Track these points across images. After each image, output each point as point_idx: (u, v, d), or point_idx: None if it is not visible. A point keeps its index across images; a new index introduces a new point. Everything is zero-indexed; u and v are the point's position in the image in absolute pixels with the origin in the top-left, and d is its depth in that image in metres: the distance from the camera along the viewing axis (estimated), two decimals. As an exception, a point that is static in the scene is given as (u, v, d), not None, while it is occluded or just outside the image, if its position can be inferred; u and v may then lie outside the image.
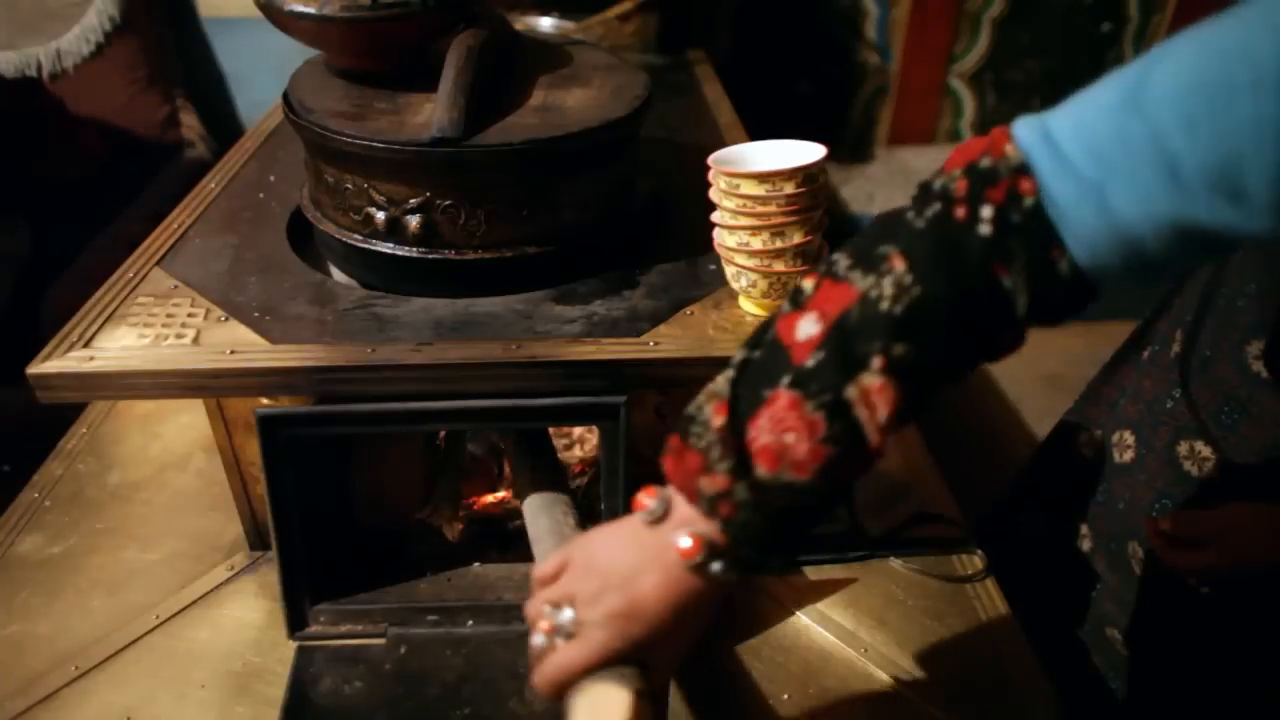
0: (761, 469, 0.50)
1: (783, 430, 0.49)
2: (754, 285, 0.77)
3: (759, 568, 0.53)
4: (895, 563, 0.94)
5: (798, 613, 0.89)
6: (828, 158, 0.73)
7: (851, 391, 0.48)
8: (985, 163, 0.47)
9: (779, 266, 0.75)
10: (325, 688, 0.80)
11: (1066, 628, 0.99)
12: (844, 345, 0.48)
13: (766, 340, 0.51)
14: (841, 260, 0.51)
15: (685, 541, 0.52)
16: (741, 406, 0.50)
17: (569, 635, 0.55)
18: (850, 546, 0.95)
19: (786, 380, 0.49)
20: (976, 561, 0.94)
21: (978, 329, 0.48)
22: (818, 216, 0.75)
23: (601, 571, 0.55)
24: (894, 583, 0.92)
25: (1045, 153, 0.45)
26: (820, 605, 0.90)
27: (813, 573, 0.94)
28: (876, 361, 0.47)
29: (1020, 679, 0.84)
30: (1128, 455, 0.93)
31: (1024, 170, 0.45)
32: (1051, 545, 1.02)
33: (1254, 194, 0.41)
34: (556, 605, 0.56)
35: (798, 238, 0.74)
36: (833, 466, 0.49)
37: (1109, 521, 0.94)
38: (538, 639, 0.56)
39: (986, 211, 0.46)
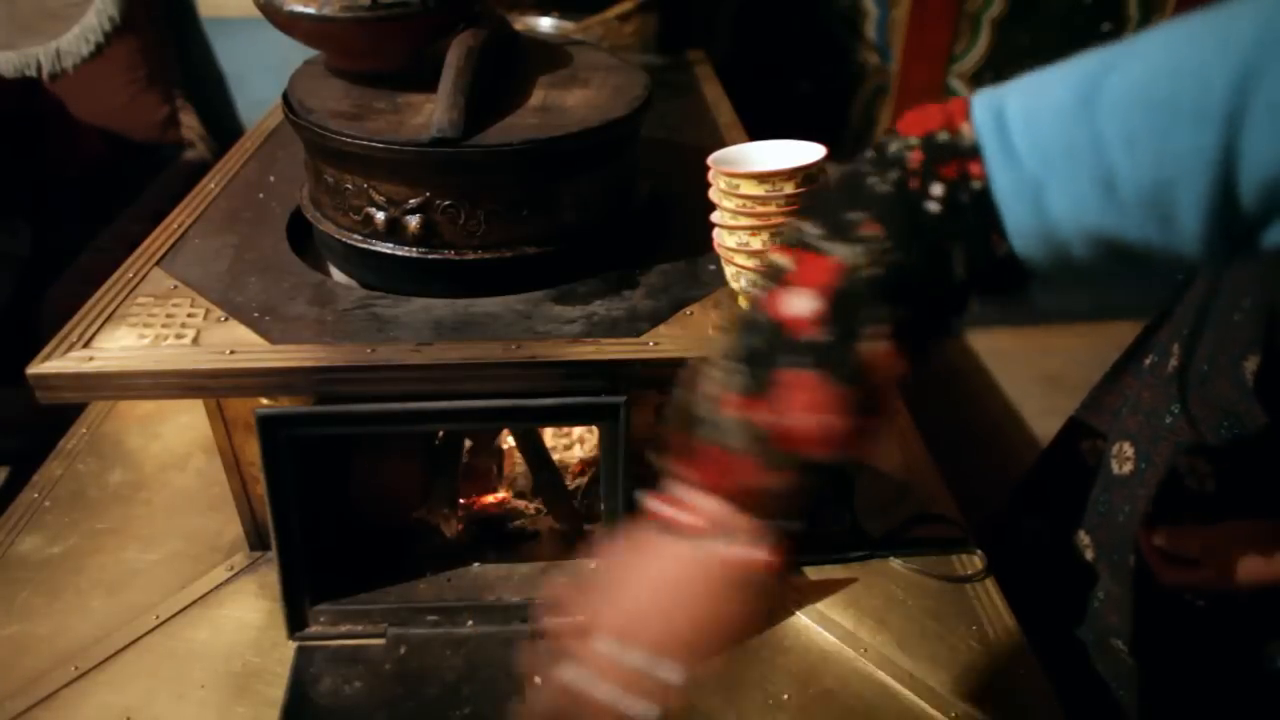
0: (789, 448, 0.49)
1: (805, 408, 0.48)
2: (754, 285, 0.77)
3: (787, 535, 0.52)
4: (895, 563, 0.94)
5: (798, 613, 0.89)
6: (828, 158, 0.73)
7: (862, 353, 0.48)
8: (942, 137, 0.47)
9: (779, 266, 0.75)
10: (325, 688, 0.80)
11: (1069, 633, 0.99)
12: (843, 315, 0.48)
13: (759, 322, 0.50)
14: (811, 229, 0.50)
15: (737, 550, 0.51)
16: (755, 392, 0.49)
17: (649, 678, 0.50)
18: (850, 546, 0.95)
19: (796, 359, 0.48)
20: (976, 561, 0.94)
21: (946, 287, 0.49)
22: (817, 216, 0.75)
23: (661, 609, 0.51)
24: (894, 583, 0.92)
25: (995, 140, 0.45)
26: (820, 605, 0.90)
27: (813, 573, 0.94)
28: (878, 327, 0.48)
29: (1021, 679, 0.84)
30: (1127, 467, 0.93)
31: (976, 153, 0.46)
32: (1054, 552, 1.02)
33: (1183, 221, 0.41)
34: (619, 649, 0.51)
35: (797, 238, 0.74)
36: (855, 434, 0.49)
37: (1110, 532, 0.94)
38: (607, 691, 0.50)
39: (937, 189, 0.46)
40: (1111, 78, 0.42)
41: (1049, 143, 0.44)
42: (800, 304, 0.49)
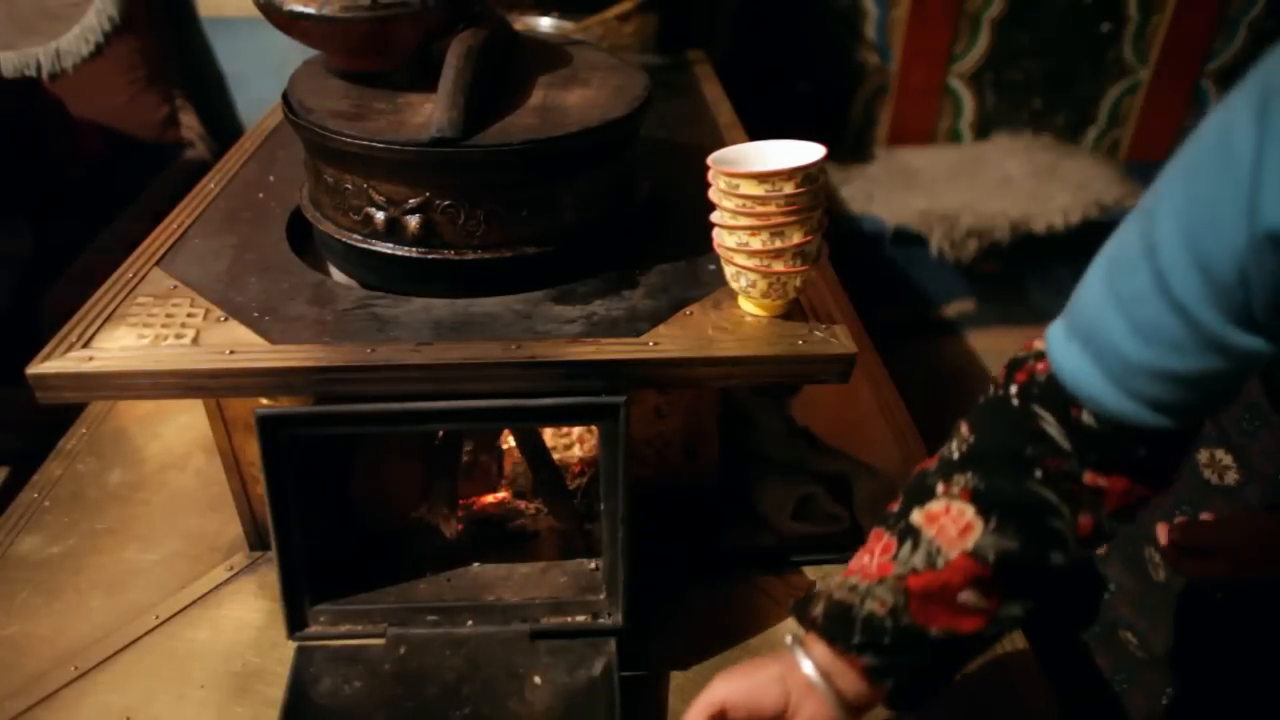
0: (851, 578, 0.64)
1: (865, 552, 0.65)
2: (753, 285, 0.77)
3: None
4: (895, 563, 0.94)
5: (797, 613, 0.89)
6: (827, 158, 0.73)
7: (917, 517, 0.62)
8: (1019, 355, 0.63)
9: (778, 266, 0.75)
10: (325, 688, 0.80)
11: (1070, 625, 0.99)
12: (917, 488, 0.63)
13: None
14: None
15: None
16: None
17: None
18: (850, 546, 0.95)
19: (880, 522, 0.65)
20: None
21: (1033, 460, 0.59)
22: (817, 216, 0.75)
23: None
24: (894, 583, 0.92)
25: (1058, 337, 0.58)
26: (820, 605, 0.90)
27: (812, 573, 0.95)
28: (939, 488, 0.61)
29: (1020, 678, 0.84)
30: None
31: (1041, 357, 0.60)
32: None
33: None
34: None
35: (797, 238, 0.74)
36: (899, 579, 0.61)
37: None
38: None
39: (1014, 388, 0.61)
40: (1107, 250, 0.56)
41: (1088, 320, 0.56)
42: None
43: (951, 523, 0.60)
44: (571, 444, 1.07)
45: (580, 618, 0.84)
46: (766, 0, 2.35)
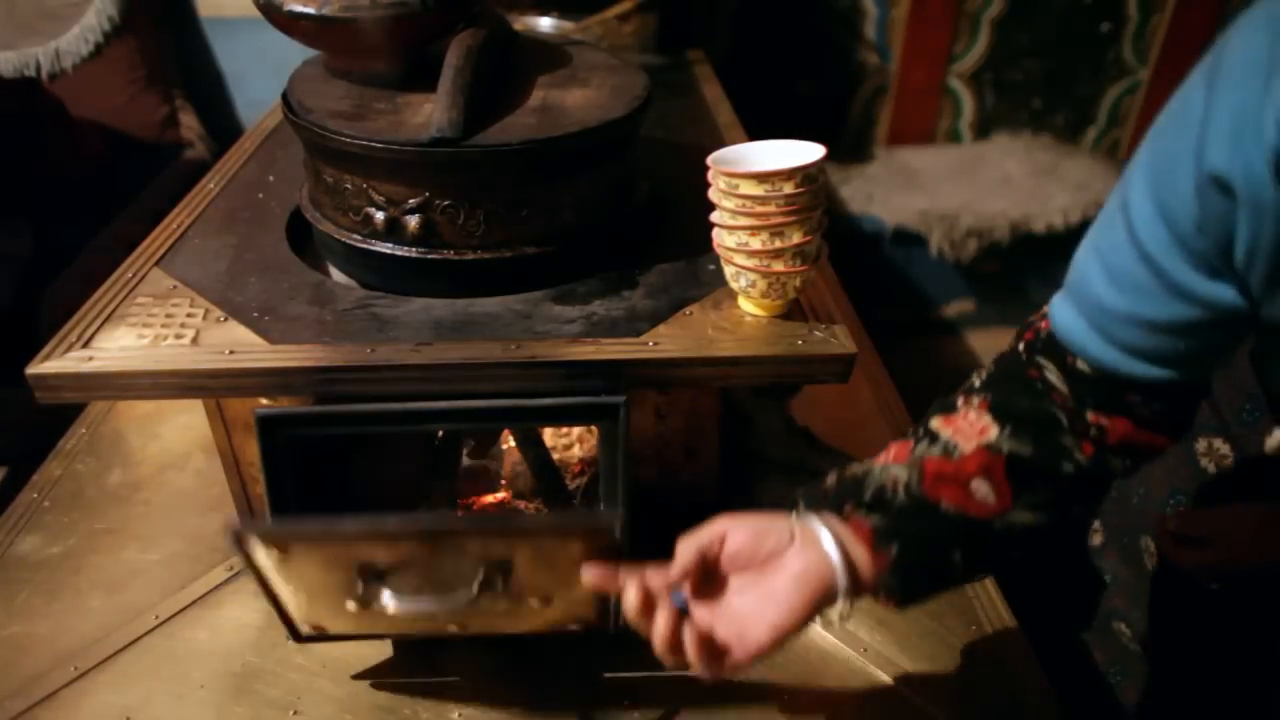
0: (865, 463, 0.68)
1: (883, 453, 0.68)
2: (753, 285, 0.77)
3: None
4: (895, 563, 0.94)
5: (797, 613, 0.89)
6: (827, 158, 0.73)
7: (935, 423, 0.67)
8: (1028, 319, 0.68)
9: (778, 266, 0.75)
10: None
11: (1068, 623, 0.99)
12: (938, 407, 0.69)
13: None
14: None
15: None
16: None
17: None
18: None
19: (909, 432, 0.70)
20: (976, 561, 0.94)
21: (1043, 391, 0.65)
22: (817, 216, 0.75)
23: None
24: (894, 583, 0.92)
25: (1059, 300, 0.64)
26: (820, 605, 0.90)
27: (812, 573, 0.94)
28: (960, 402, 0.67)
29: (1020, 678, 0.84)
30: None
31: (1044, 317, 0.66)
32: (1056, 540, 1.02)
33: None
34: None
35: (797, 238, 0.74)
36: (916, 461, 0.65)
37: (1123, 516, 0.94)
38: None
39: (1020, 344, 0.67)
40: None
41: (1076, 275, 0.62)
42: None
43: (969, 425, 0.65)
44: (571, 444, 1.07)
45: (580, 618, 0.84)
46: (766, 0, 2.35)
